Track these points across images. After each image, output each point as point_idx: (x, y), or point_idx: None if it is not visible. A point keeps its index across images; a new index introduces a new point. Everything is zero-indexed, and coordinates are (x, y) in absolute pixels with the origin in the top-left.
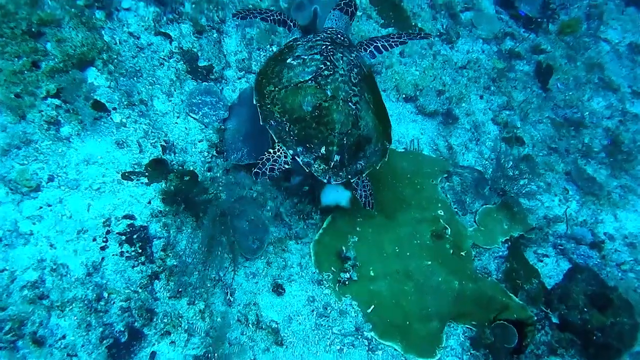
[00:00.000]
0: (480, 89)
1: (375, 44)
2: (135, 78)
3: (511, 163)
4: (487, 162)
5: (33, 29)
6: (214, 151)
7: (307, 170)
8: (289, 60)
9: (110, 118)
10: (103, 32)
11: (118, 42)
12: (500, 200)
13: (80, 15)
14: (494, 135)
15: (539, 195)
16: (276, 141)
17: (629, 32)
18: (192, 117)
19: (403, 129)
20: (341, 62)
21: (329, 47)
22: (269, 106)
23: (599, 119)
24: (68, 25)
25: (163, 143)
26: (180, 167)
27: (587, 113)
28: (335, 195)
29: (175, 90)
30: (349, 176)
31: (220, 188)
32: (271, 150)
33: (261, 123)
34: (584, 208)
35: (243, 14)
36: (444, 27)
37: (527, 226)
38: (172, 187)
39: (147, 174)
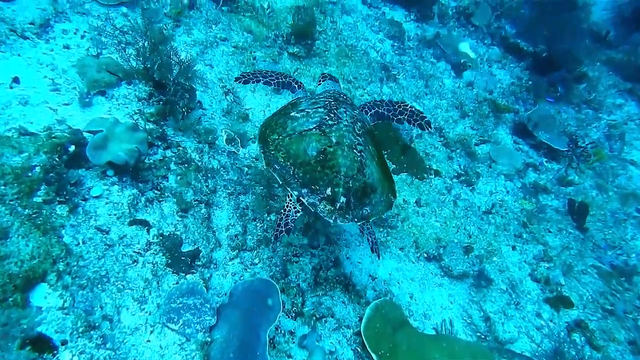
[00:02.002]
0: (511, 237)
1: (377, 109)
2: (99, 286)
3: (573, 354)
4: (532, 338)
5: None
6: None
7: (313, 211)
8: (292, 114)
9: (57, 358)
10: (63, 231)
11: (81, 243)
12: None
13: (35, 216)
14: (535, 296)
15: None
16: (280, 183)
17: None
18: (169, 328)
19: (428, 297)
20: (345, 115)
21: (332, 103)
22: (272, 152)
23: None
24: (17, 233)
25: None
26: None
27: (634, 255)
28: None
29: (150, 294)
30: (355, 219)
31: None
32: (281, 211)
33: (264, 167)
34: None
35: (246, 77)
36: (462, 167)
37: None
38: None
39: None
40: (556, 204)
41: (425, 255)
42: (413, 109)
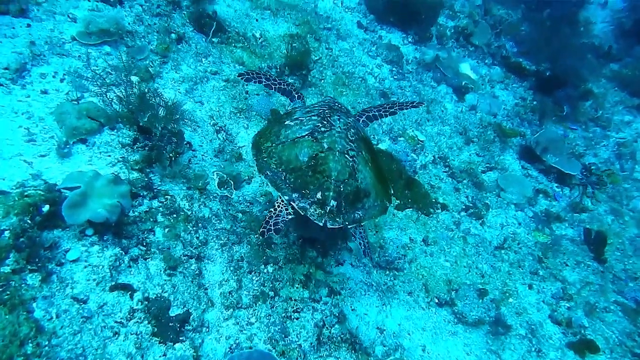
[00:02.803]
0: (527, 275)
1: (367, 114)
2: None
3: None
4: None
5: None
6: None
7: (303, 214)
8: (287, 122)
9: None
10: (34, 304)
11: (54, 317)
12: None
13: (1, 290)
14: (557, 341)
15: None
16: (271, 187)
17: None
18: None
19: (442, 349)
20: (338, 122)
21: (326, 111)
22: (265, 159)
23: None
24: None
25: None
26: None
27: None
28: None
29: None
30: (346, 223)
31: None
32: (272, 209)
33: (257, 174)
34: None
35: (249, 75)
36: (470, 198)
37: None
38: None
39: None
40: (571, 233)
41: (436, 300)
42: (401, 102)
